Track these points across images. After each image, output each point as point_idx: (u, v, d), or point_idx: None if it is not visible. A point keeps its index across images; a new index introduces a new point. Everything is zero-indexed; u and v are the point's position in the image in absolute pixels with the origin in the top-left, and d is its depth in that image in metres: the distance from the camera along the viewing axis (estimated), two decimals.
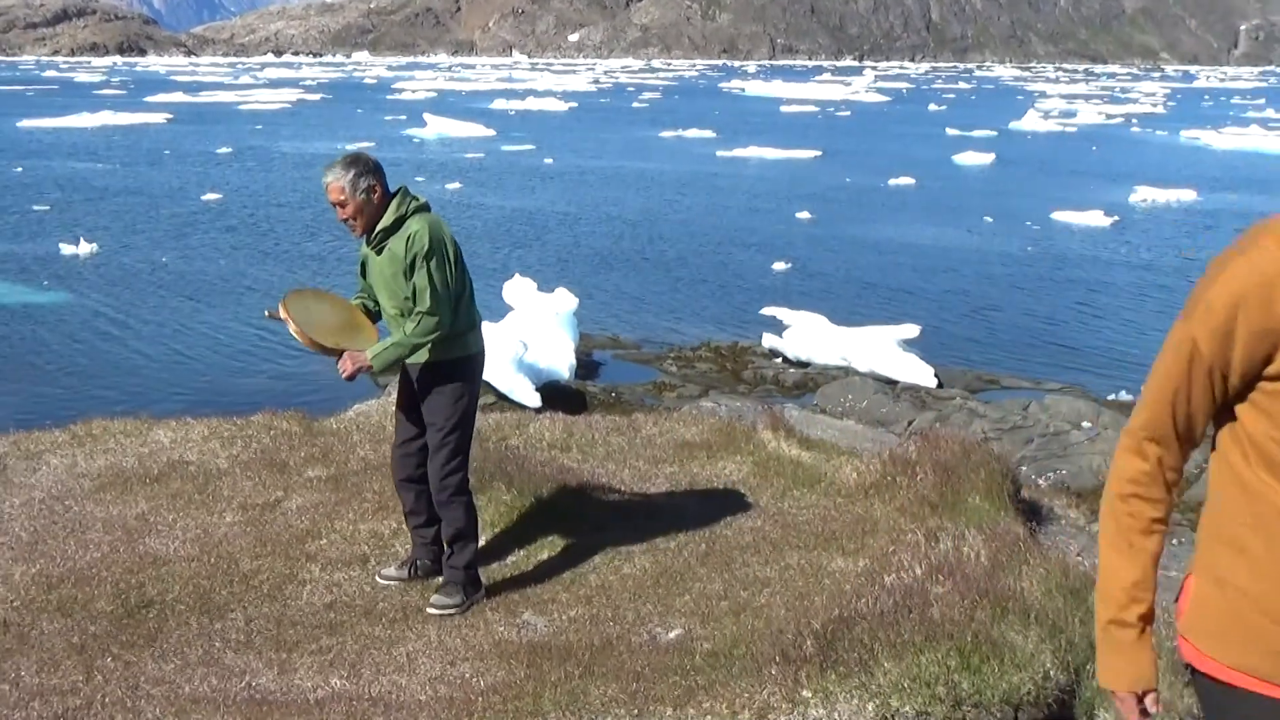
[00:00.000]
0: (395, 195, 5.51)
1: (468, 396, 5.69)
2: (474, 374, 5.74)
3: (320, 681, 5.02)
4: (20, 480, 7.37)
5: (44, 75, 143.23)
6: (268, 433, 8.14)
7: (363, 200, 5.44)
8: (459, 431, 5.65)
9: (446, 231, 5.53)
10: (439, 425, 5.63)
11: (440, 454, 5.64)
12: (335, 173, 5.45)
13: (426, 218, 5.49)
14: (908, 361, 15.76)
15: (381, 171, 5.52)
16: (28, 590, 5.81)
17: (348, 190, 5.42)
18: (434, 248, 5.40)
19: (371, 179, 5.44)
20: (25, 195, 33.55)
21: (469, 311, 5.63)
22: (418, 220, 5.45)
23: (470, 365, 5.69)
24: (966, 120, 71.40)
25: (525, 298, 16.79)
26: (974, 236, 29.02)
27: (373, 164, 5.50)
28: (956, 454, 7.01)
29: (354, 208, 5.44)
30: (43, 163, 42.99)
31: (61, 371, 16.05)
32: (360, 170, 5.43)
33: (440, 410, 5.62)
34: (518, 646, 5.30)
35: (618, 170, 43.21)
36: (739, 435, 8.12)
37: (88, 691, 4.88)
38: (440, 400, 5.62)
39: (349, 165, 5.45)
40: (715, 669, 4.87)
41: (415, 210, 5.50)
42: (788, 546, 6.31)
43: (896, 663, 4.67)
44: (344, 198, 5.43)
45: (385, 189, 5.50)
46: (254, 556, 6.25)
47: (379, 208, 5.48)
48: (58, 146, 49.64)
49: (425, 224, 5.43)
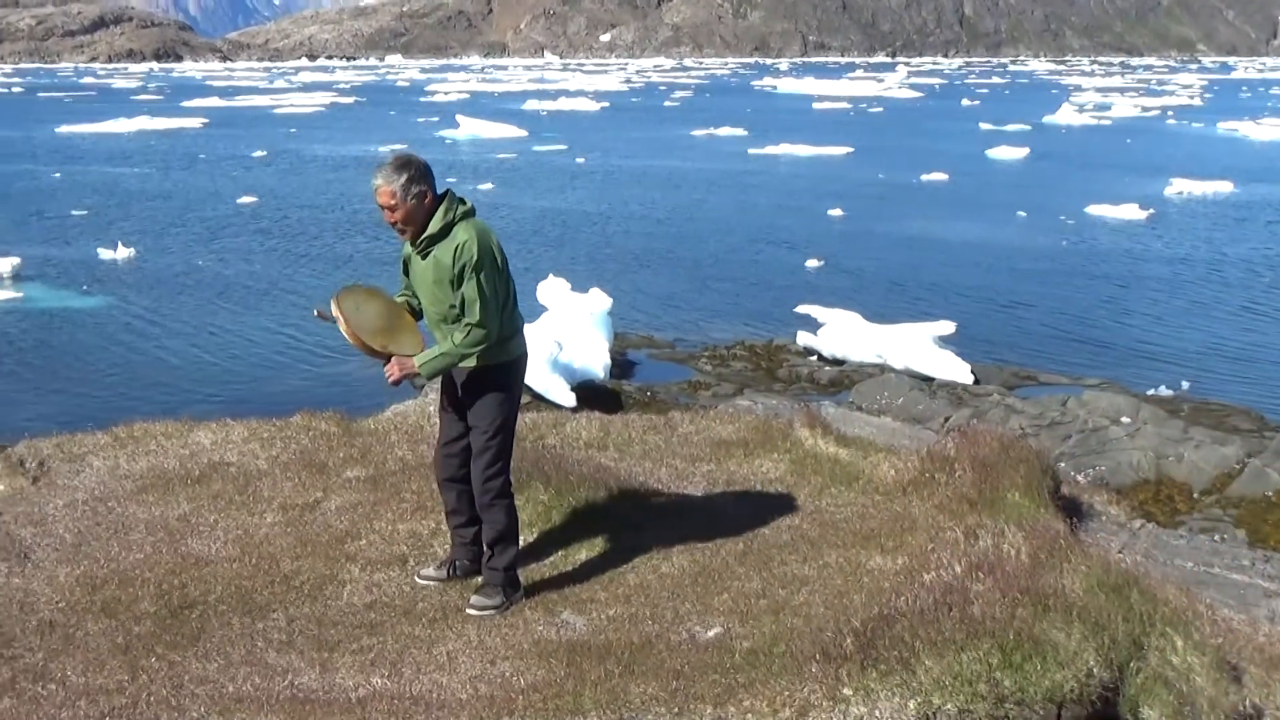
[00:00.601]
0: (442, 200, 5.45)
1: (511, 400, 5.69)
2: (517, 378, 5.73)
3: (362, 680, 5.04)
4: (64, 482, 7.45)
5: (82, 82, 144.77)
6: (307, 434, 8.18)
7: (413, 205, 5.38)
8: (502, 435, 5.66)
9: (494, 239, 5.48)
10: (483, 429, 5.63)
11: (483, 457, 5.65)
12: (386, 176, 5.37)
13: (474, 225, 5.42)
14: (943, 358, 15.68)
15: (431, 175, 5.45)
16: (73, 591, 5.87)
17: (399, 195, 5.35)
18: (483, 258, 5.35)
19: (423, 184, 5.38)
20: (64, 200, 33.92)
21: (513, 317, 5.61)
22: (466, 228, 5.39)
23: (514, 369, 5.68)
24: (1000, 115, 70.97)
25: (560, 298, 16.81)
26: (1008, 231, 28.83)
27: (423, 168, 5.43)
28: (995, 450, 6.96)
29: (404, 213, 5.39)
30: (81, 168, 43.44)
31: (102, 374, 16.22)
32: (412, 175, 5.36)
33: (484, 414, 5.63)
34: (557, 645, 5.30)
35: (649, 169, 43.21)
36: (776, 433, 8.09)
37: (133, 691, 4.93)
38: (484, 404, 5.62)
39: (400, 169, 5.37)
40: (755, 667, 4.86)
41: (462, 216, 5.43)
42: (826, 544, 6.28)
43: (937, 660, 4.65)
44: (394, 202, 5.37)
45: (435, 193, 5.44)
46: (294, 557, 6.28)
47: (428, 212, 5.42)
48: (95, 152, 50.16)
49: (474, 233, 5.37)
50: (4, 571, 6.09)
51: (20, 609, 5.68)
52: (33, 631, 5.47)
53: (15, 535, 6.55)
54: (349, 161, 45.96)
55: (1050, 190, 36.51)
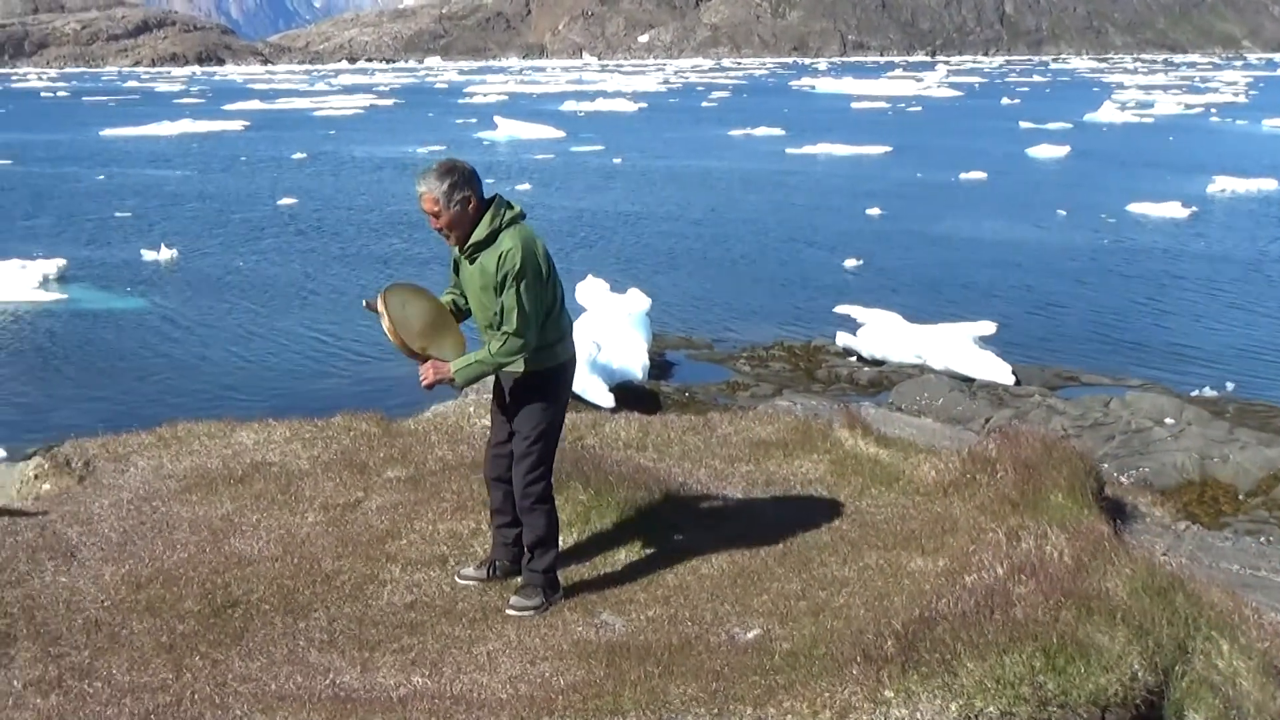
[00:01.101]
0: (490, 206, 5.42)
1: (554, 407, 5.67)
2: (562, 383, 5.72)
3: (402, 680, 5.07)
4: (109, 481, 7.54)
5: (125, 85, 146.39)
6: (347, 434, 8.24)
7: (457, 212, 5.36)
8: (544, 441, 5.65)
9: (540, 246, 5.44)
10: (525, 434, 5.64)
11: (525, 462, 5.65)
12: (429, 182, 5.36)
13: (520, 233, 5.39)
14: (984, 358, 15.58)
15: (477, 180, 5.41)
16: (117, 590, 5.94)
17: (441, 201, 5.34)
18: (525, 267, 5.31)
19: (466, 190, 5.34)
20: (108, 202, 34.33)
21: (558, 322, 5.59)
22: (511, 236, 5.36)
23: (558, 375, 5.66)
24: (1040, 113, 70.42)
25: (598, 298, 16.83)
26: (1048, 230, 28.61)
27: (467, 173, 5.39)
28: (1038, 451, 6.91)
29: (447, 219, 5.38)
30: (124, 170, 43.94)
31: (146, 375, 16.39)
32: (455, 181, 5.33)
33: (527, 419, 5.63)
34: (596, 646, 5.31)
35: (687, 169, 43.18)
36: (815, 434, 8.06)
37: (177, 689, 4.98)
38: (528, 410, 5.62)
39: (443, 175, 5.35)
40: (795, 669, 4.84)
41: (509, 222, 5.40)
42: (866, 546, 6.26)
43: (979, 663, 4.61)
44: (437, 208, 5.36)
45: (480, 199, 5.40)
46: (336, 556, 6.33)
47: (473, 218, 5.39)
48: (138, 154, 50.72)
49: (518, 241, 5.34)
50: (51, 570, 6.16)
51: (67, 607, 5.75)
52: (79, 630, 5.53)
53: (62, 534, 6.63)
54: (388, 163, 46.23)
55: (1091, 189, 36.18)
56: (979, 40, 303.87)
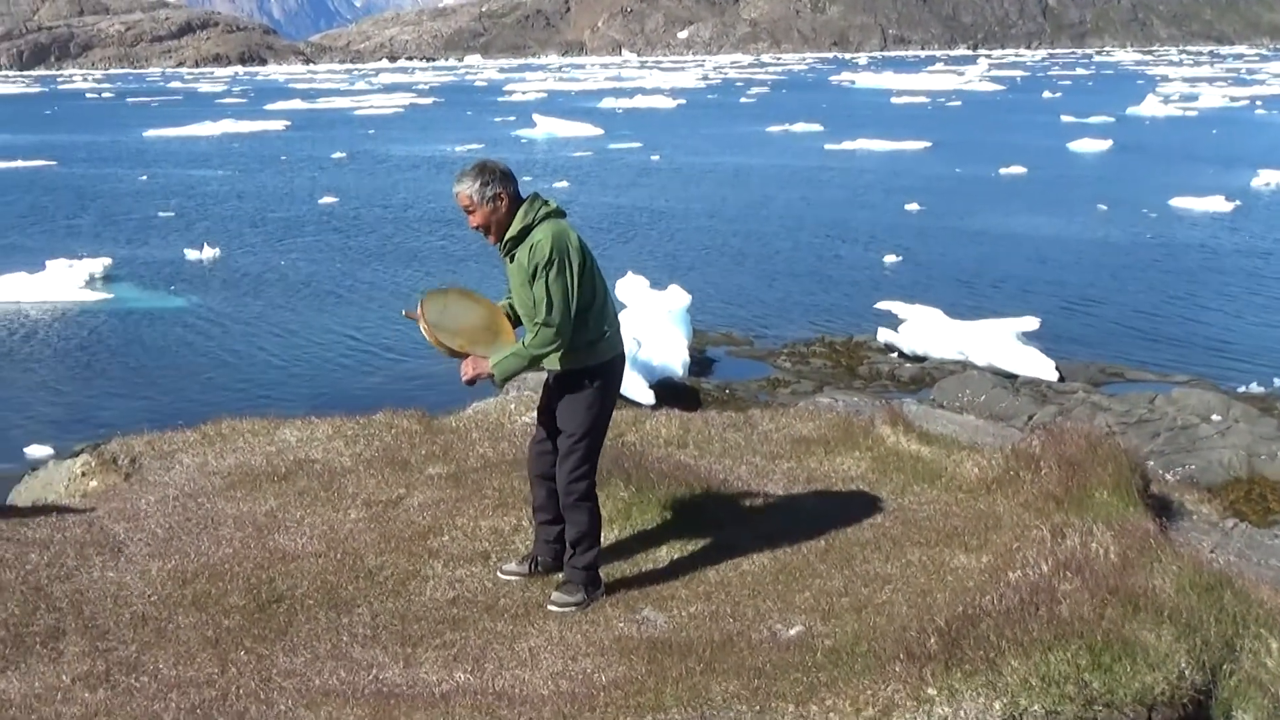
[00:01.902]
0: (524, 202, 5.52)
1: (600, 404, 5.68)
2: (608, 382, 5.72)
3: (445, 675, 5.10)
4: (155, 478, 7.63)
5: (169, 86, 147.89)
6: (389, 431, 8.29)
7: (490, 209, 5.46)
8: (589, 439, 5.68)
9: (573, 239, 5.49)
10: (569, 431, 5.66)
11: (569, 460, 5.68)
12: (464, 182, 5.49)
13: (553, 226, 5.46)
14: (1027, 354, 15.46)
15: (511, 179, 5.51)
16: (164, 585, 6.01)
17: (475, 199, 5.45)
18: (554, 258, 5.37)
19: (498, 187, 5.45)
20: (151, 202, 34.70)
21: (600, 319, 5.60)
22: (542, 229, 5.44)
23: (603, 373, 5.67)
24: (1083, 107, 69.71)
25: (638, 295, 16.86)
26: (1089, 225, 28.34)
27: (499, 172, 5.50)
28: (1082, 448, 6.85)
29: (481, 216, 5.48)
30: (167, 170, 44.40)
31: (190, 373, 16.57)
32: (487, 179, 5.45)
33: (572, 417, 5.66)
34: (638, 642, 5.32)
35: (725, 166, 43.11)
36: (857, 430, 8.03)
37: (223, 683, 5.03)
38: (572, 407, 5.65)
39: (477, 174, 5.48)
40: (837, 666, 4.83)
41: (543, 218, 5.47)
42: (908, 543, 6.23)
43: (1024, 661, 4.59)
44: (472, 206, 5.47)
45: (514, 196, 5.50)
46: (378, 552, 6.37)
47: (507, 216, 5.49)
48: (181, 154, 51.24)
49: (549, 233, 5.41)
50: (98, 565, 6.25)
51: (114, 602, 5.83)
52: (126, 625, 5.60)
53: (109, 530, 6.71)
54: (426, 162, 46.45)
55: (1133, 183, 35.82)
56: (1021, 33, 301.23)
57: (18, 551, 6.35)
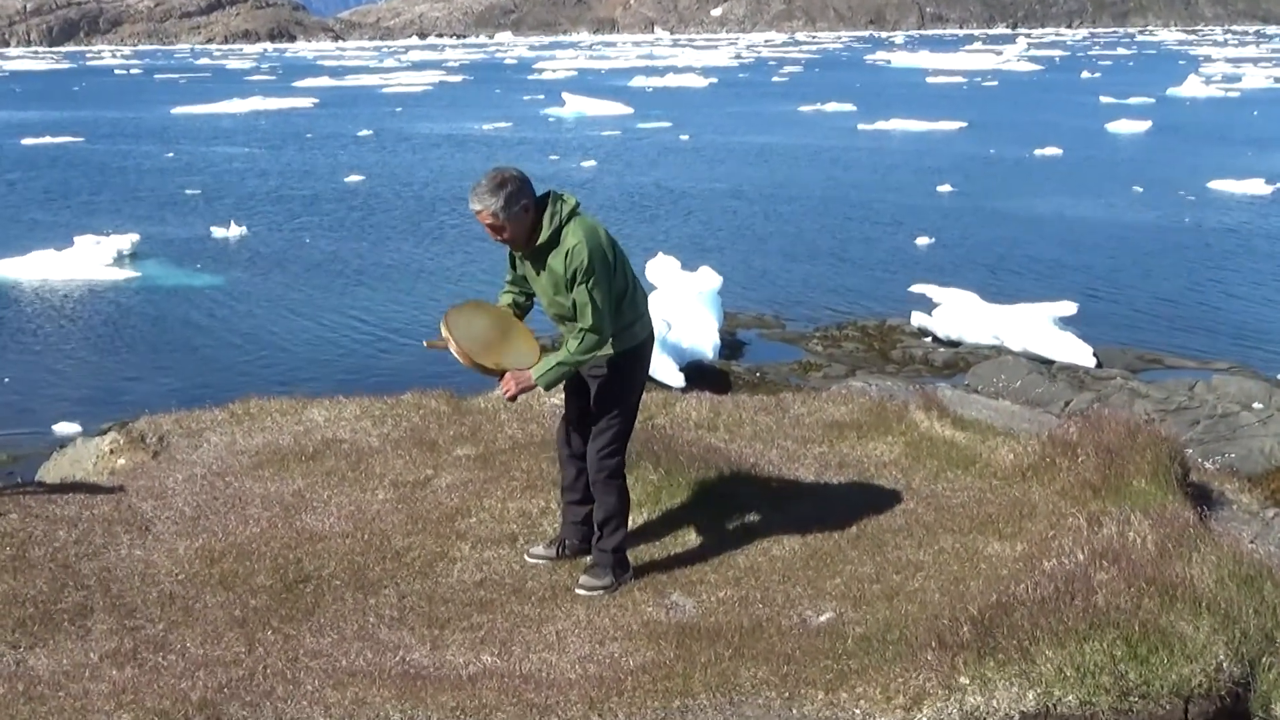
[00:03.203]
0: (545, 204, 5.40)
1: (631, 386, 5.72)
2: (640, 363, 5.74)
3: (472, 658, 5.12)
4: (183, 457, 7.68)
5: (197, 63, 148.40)
6: (417, 411, 8.33)
7: (518, 223, 5.36)
8: (622, 419, 5.70)
9: (603, 234, 5.44)
10: (602, 411, 5.69)
11: (601, 438, 5.70)
12: (483, 200, 5.33)
13: (582, 226, 5.38)
14: (1064, 339, 15.38)
15: (529, 185, 5.39)
16: (191, 564, 6.06)
17: (501, 215, 5.32)
18: (593, 261, 5.32)
19: (522, 198, 5.32)
20: (178, 179, 34.90)
21: (632, 305, 5.59)
22: (574, 231, 5.35)
23: (635, 356, 5.67)
24: (1122, 88, 69.02)
25: (669, 276, 16.84)
26: (1128, 208, 28.10)
27: (519, 181, 5.36)
28: (1120, 435, 6.80)
29: (511, 232, 5.38)
30: (194, 148, 44.62)
31: (218, 351, 16.68)
32: (510, 193, 5.30)
33: (606, 399, 5.68)
34: (666, 627, 5.33)
35: (755, 146, 42.96)
36: (890, 415, 8.00)
37: (249, 663, 5.07)
38: (605, 389, 5.67)
39: (496, 189, 5.31)
40: (868, 653, 4.83)
41: (569, 217, 5.39)
42: (941, 529, 6.22)
43: (1058, 651, 4.57)
44: (499, 223, 5.34)
45: (535, 201, 5.39)
46: (406, 534, 6.40)
47: (534, 222, 5.39)
48: (208, 131, 51.47)
49: (582, 235, 5.33)
50: (126, 543, 6.31)
51: (142, 580, 5.88)
52: (154, 603, 5.66)
53: (137, 509, 6.77)
54: (454, 140, 46.51)
55: (1172, 165, 35.48)
56: (1062, 12, 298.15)
57: (46, 529, 6.42)
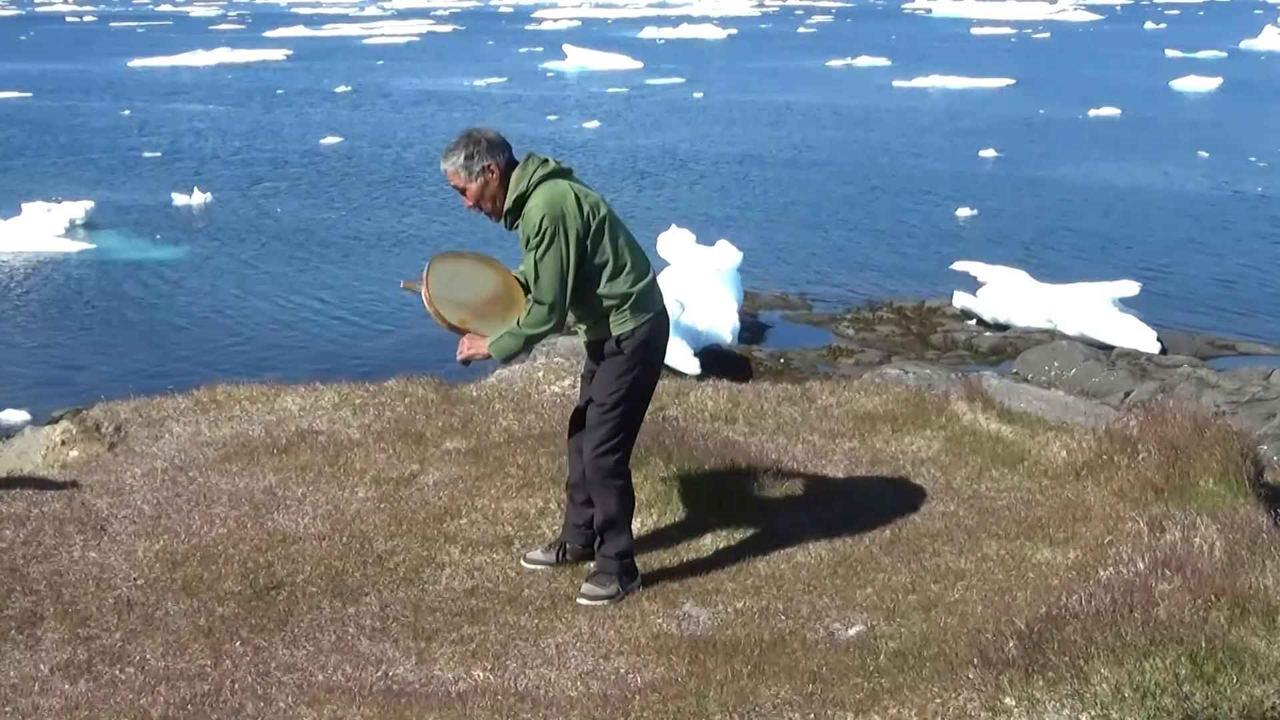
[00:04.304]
0: (516, 168, 5.49)
1: (633, 373, 5.68)
2: (645, 348, 5.70)
3: (462, 673, 5.14)
4: (142, 449, 7.71)
5: (158, 9, 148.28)
6: (402, 400, 8.34)
7: (480, 185, 5.47)
8: (621, 408, 5.68)
9: (570, 204, 5.43)
10: (600, 400, 5.68)
11: (596, 432, 5.69)
12: (449, 157, 5.49)
13: (548, 191, 5.42)
14: (1124, 323, 15.39)
15: (501, 147, 5.48)
16: (151, 568, 6.08)
17: (463, 175, 5.46)
18: (547, 226, 5.36)
19: (485, 158, 5.43)
20: (135, 141, 34.97)
21: (623, 280, 5.57)
22: (537, 196, 5.42)
23: (637, 339, 5.64)
24: (1190, 40, 68.81)
25: (683, 252, 16.85)
26: (1194, 176, 28.07)
27: (486, 141, 5.46)
28: (1186, 430, 6.79)
29: (473, 193, 5.50)
30: (153, 105, 44.67)
31: (181, 332, 16.74)
32: (471, 152, 5.43)
33: (602, 386, 5.68)
34: (678, 641, 5.35)
35: (779, 105, 42.90)
36: (929, 406, 8.01)
37: (216, 677, 5.09)
38: (604, 375, 5.68)
39: (459, 147, 5.47)
40: (902, 671, 4.84)
41: (538, 182, 5.45)
42: (985, 534, 6.22)
43: (1115, 669, 4.57)
44: (461, 183, 5.50)
45: (506, 166, 5.48)
46: (389, 536, 6.42)
47: (501, 188, 5.49)
48: (169, 87, 51.52)
49: (542, 199, 5.39)
50: (80, 544, 6.32)
51: (97, 585, 5.90)
52: (110, 610, 5.68)
53: (91, 506, 6.79)
54: (442, 97, 46.51)
55: (1242, 128, 35.49)
56: None
57: None
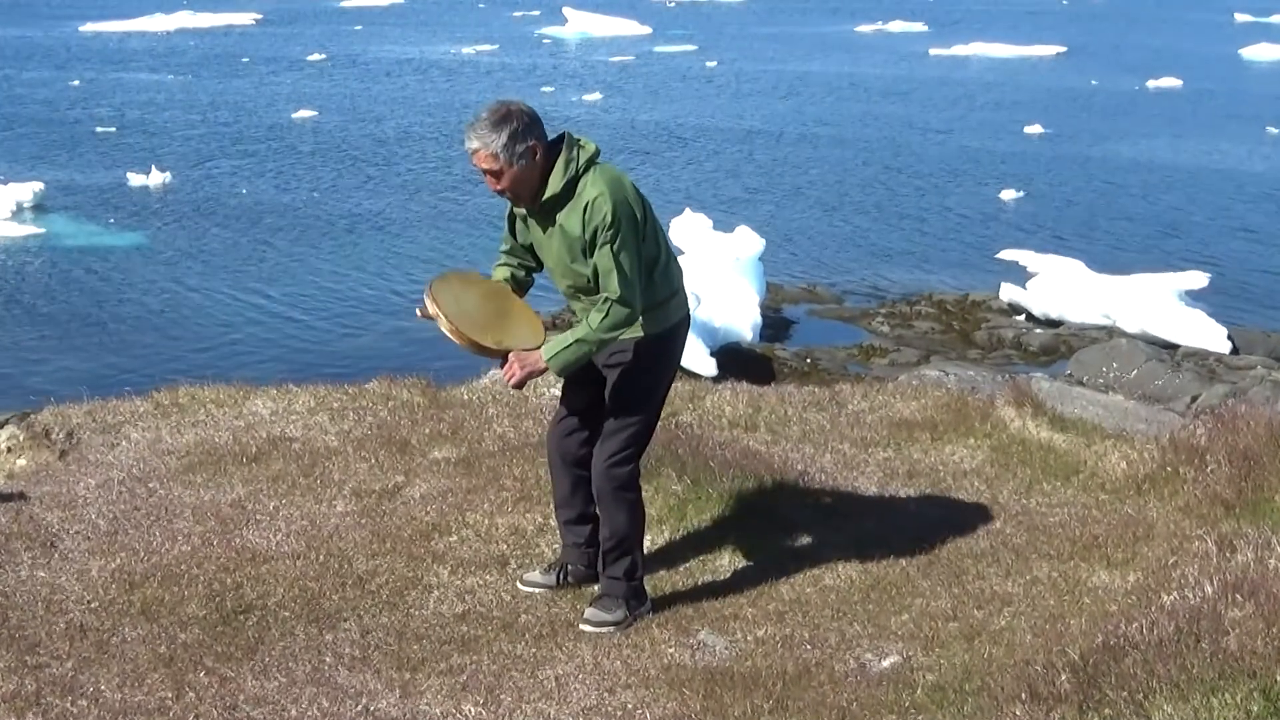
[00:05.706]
0: (559, 150, 5.37)
1: (658, 378, 5.70)
2: (670, 351, 5.72)
3: (451, 707, 5.15)
4: (96, 457, 7.72)
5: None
6: (385, 404, 8.36)
7: (522, 167, 5.32)
8: (642, 416, 5.68)
9: (629, 188, 5.39)
10: (618, 406, 5.65)
11: (613, 440, 5.67)
12: (482, 136, 5.30)
13: (603, 175, 5.35)
14: (1191, 319, 15.39)
15: (539, 123, 5.36)
16: (107, 589, 6.09)
17: (502, 157, 5.29)
18: (619, 216, 5.29)
19: (529, 138, 5.29)
20: (87, 114, 35.00)
21: (666, 276, 5.58)
22: (594, 182, 5.33)
23: (664, 341, 5.65)
24: (1262, 2, 68.69)
25: (699, 239, 16.88)
26: (1266, 154, 28.03)
27: (529, 118, 5.33)
28: (1260, 439, 6.81)
29: (511, 179, 5.34)
30: (107, 75, 44.71)
31: (140, 327, 16.76)
32: (515, 130, 5.27)
33: (623, 391, 5.64)
34: (692, 672, 5.36)
35: (802, 75, 42.94)
36: (972, 412, 8.03)
37: (178, 710, 5.11)
38: (625, 379, 5.62)
39: (499, 124, 5.28)
40: (942, 707, 4.87)
41: (587, 166, 5.37)
42: (1035, 555, 6.24)
43: (1180, 705, 4.58)
44: (498, 166, 5.31)
45: (547, 144, 5.37)
46: (370, 555, 6.44)
47: (543, 171, 5.36)
48: (123, 54, 51.61)
49: (604, 187, 5.31)
50: (27, 563, 6.34)
51: (46, 609, 5.92)
52: (61, 636, 5.69)
53: (40, 520, 6.81)
54: (425, 66, 46.55)
55: None
56: None
57: None
